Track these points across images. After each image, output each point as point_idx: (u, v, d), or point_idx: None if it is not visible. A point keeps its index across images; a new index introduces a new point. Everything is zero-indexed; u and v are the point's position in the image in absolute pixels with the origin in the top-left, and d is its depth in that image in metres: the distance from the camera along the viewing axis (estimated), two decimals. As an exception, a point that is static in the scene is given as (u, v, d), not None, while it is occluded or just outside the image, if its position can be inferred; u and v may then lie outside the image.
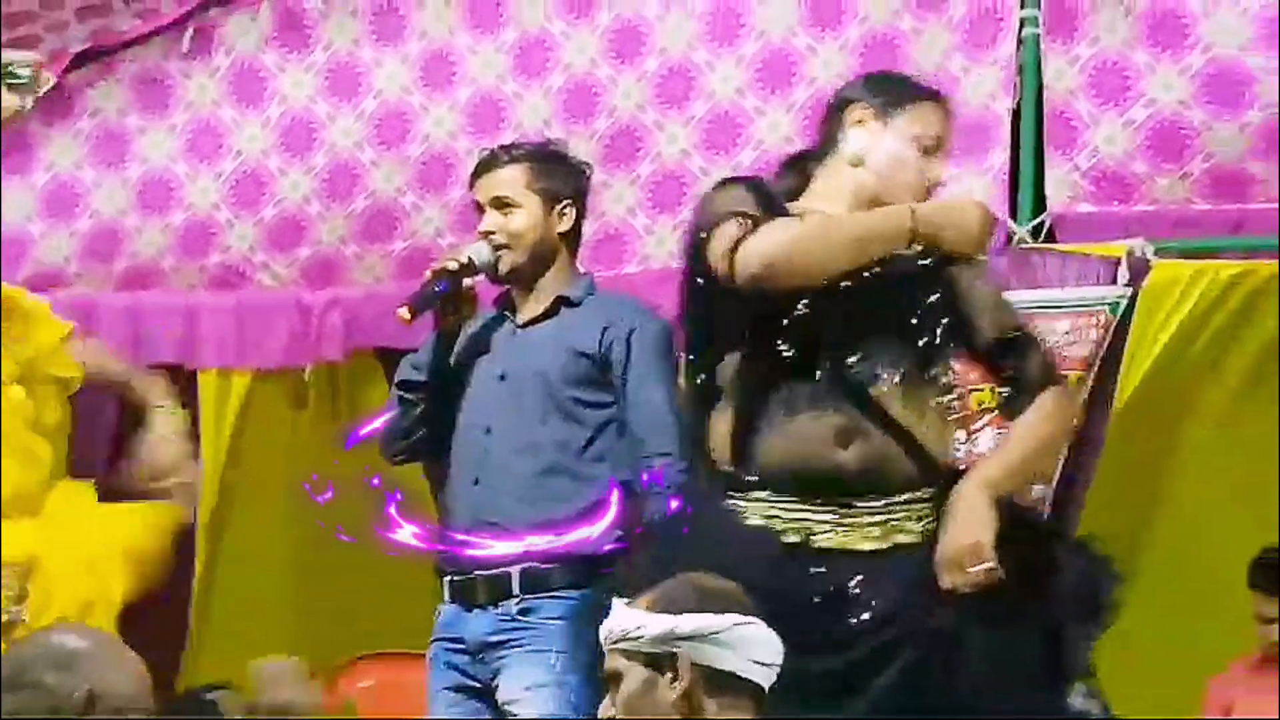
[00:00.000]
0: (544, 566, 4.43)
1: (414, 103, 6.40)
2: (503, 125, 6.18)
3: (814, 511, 3.62)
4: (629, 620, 3.28)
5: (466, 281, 4.53)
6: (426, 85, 6.40)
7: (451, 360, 4.58)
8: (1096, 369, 5.72)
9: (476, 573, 4.51)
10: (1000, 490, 3.67)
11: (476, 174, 4.64)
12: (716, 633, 3.21)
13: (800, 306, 3.66)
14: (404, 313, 4.40)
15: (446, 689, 4.60)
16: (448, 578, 4.58)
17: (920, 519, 3.67)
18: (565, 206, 4.58)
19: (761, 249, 3.54)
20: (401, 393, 4.62)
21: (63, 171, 6.65)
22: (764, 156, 5.79)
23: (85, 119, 6.66)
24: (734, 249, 3.55)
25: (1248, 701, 5.63)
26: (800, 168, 3.96)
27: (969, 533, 3.57)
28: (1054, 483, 5.72)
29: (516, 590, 4.47)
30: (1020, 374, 3.84)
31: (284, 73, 6.54)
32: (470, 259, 4.51)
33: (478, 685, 4.57)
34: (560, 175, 4.61)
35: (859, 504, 3.64)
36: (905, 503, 3.68)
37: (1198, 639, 5.72)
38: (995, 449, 3.88)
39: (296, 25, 6.49)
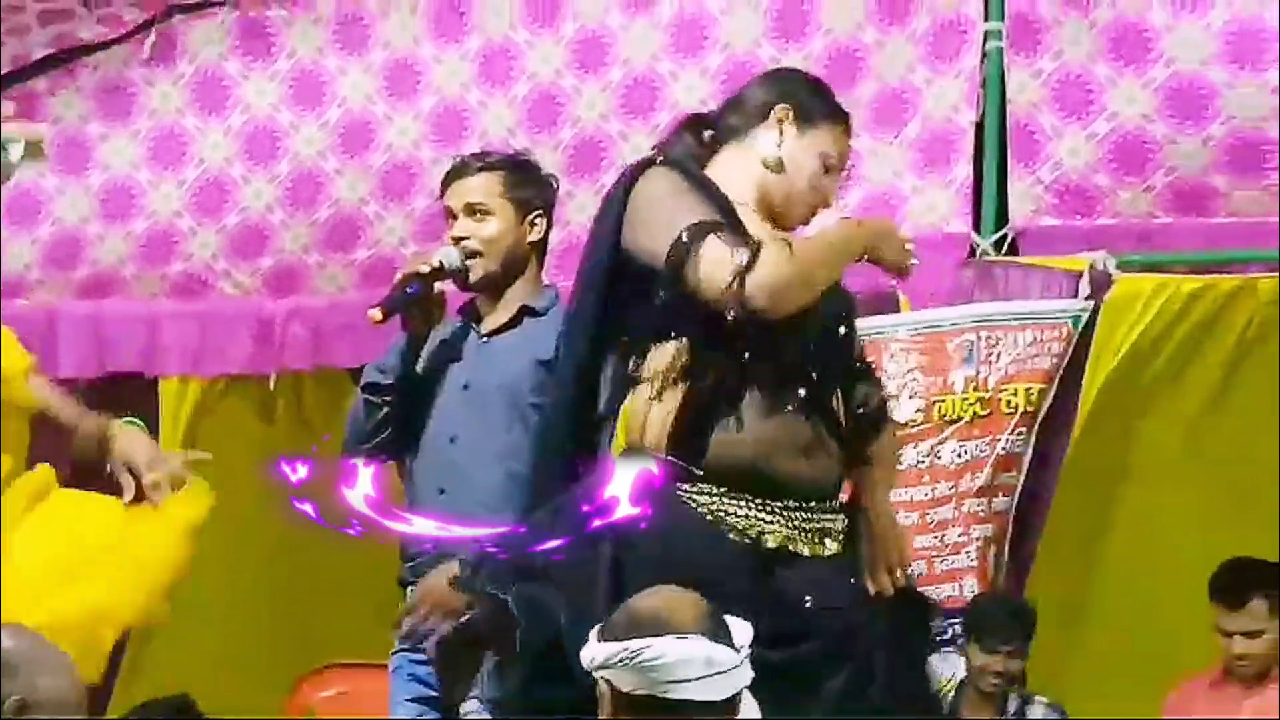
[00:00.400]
0: None
1: (378, 112, 6.41)
2: (466, 135, 6.20)
3: (764, 513, 3.61)
4: (584, 651, 3.30)
5: (436, 286, 4.50)
6: (390, 94, 6.41)
7: (419, 366, 4.54)
8: (1058, 382, 5.74)
9: (442, 583, 4.41)
10: None
11: (448, 180, 4.60)
12: (626, 660, 3.19)
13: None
14: (375, 314, 4.38)
15: (409, 700, 4.54)
16: (411, 588, 4.51)
17: (840, 530, 3.72)
18: (536, 216, 4.56)
19: (767, 284, 3.51)
20: (367, 395, 4.57)
21: (24, 179, 6.58)
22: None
23: (47, 126, 6.52)
24: (738, 281, 3.49)
25: (1208, 715, 5.64)
26: (697, 134, 3.87)
27: (897, 541, 3.74)
28: (1015, 498, 5.74)
29: (482, 601, 4.17)
30: (875, 399, 3.87)
31: (247, 80, 6.54)
32: (441, 263, 4.48)
33: (440, 697, 4.50)
34: (532, 185, 4.59)
35: (803, 511, 3.66)
36: (832, 513, 3.72)
37: (1158, 651, 5.75)
38: (880, 468, 3.84)
39: (260, 33, 6.51)
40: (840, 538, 3.69)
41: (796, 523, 3.63)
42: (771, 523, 3.59)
